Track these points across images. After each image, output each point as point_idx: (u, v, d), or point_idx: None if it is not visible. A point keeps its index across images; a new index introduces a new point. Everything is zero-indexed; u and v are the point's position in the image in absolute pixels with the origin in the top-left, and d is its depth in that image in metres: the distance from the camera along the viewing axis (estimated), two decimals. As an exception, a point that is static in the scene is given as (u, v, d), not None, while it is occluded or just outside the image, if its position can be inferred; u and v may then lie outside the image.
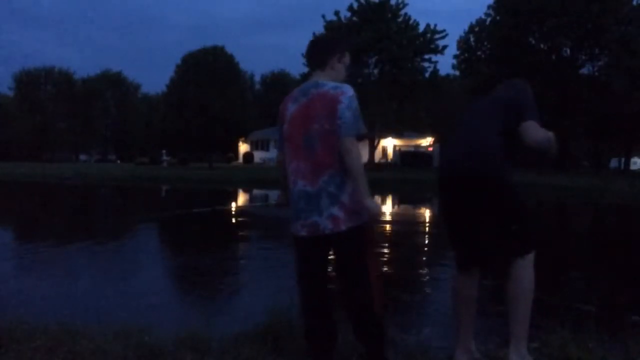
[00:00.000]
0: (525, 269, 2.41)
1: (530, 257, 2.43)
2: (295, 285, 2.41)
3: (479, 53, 39.08)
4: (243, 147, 54.24)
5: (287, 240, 2.50)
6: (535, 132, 2.39)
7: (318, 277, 2.35)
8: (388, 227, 10.33)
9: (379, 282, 2.36)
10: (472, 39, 39.99)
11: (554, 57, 36.05)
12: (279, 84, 69.29)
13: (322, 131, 2.23)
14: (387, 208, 15.92)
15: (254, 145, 54.38)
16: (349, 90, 2.29)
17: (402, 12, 37.47)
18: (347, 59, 2.50)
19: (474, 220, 2.50)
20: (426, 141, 46.00)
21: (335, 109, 2.22)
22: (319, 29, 38.04)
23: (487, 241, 2.50)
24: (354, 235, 2.25)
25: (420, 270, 6.33)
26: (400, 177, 25.35)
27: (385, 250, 7.39)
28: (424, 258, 7.32)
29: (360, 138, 2.29)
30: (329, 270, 2.39)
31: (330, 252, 2.34)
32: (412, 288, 5.35)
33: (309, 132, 2.26)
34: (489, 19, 38.57)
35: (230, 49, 49.86)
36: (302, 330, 2.45)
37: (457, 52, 40.57)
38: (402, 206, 17.09)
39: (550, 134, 2.40)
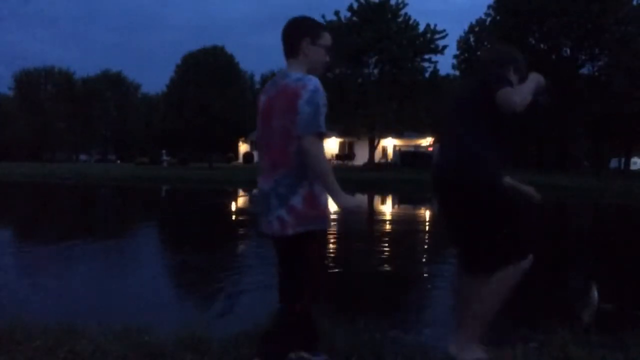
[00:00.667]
0: (510, 276, 2.33)
1: (521, 266, 2.34)
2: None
3: (479, 53, 39.09)
4: (243, 147, 54.24)
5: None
6: (509, 97, 2.24)
7: (283, 276, 2.29)
8: (388, 226, 10.33)
9: (315, 296, 2.21)
10: (472, 39, 40.02)
11: (554, 57, 36.06)
12: (279, 84, 69.14)
13: (281, 127, 2.09)
14: (387, 208, 15.93)
15: (254, 145, 54.34)
16: (312, 83, 2.07)
17: (402, 12, 37.49)
18: (324, 39, 2.21)
19: (462, 226, 2.48)
20: (426, 141, 46.00)
21: (294, 104, 2.04)
22: (319, 29, 37.95)
23: (475, 247, 2.45)
24: (302, 242, 2.11)
25: (420, 270, 6.33)
26: (400, 177, 25.34)
27: (385, 250, 7.40)
28: (424, 259, 7.32)
29: (322, 136, 2.09)
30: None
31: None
32: (412, 288, 5.35)
33: (270, 127, 2.14)
34: (489, 19, 38.61)
35: (230, 49, 49.93)
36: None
37: (457, 52, 40.64)
38: (402, 206, 17.09)
39: (531, 81, 2.31)
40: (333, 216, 2.04)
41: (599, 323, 2.85)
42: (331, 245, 8.02)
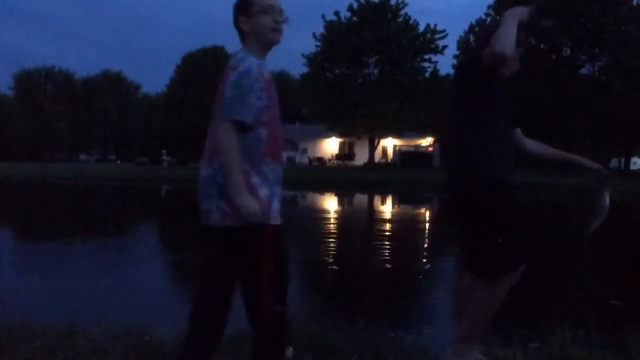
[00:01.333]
0: (506, 282, 2.26)
1: (514, 275, 2.26)
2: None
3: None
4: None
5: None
6: (491, 52, 2.05)
7: (217, 276, 2.10)
8: (388, 226, 10.33)
9: (269, 293, 2.01)
10: (472, 39, 39.98)
11: (554, 57, 36.04)
12: (279, 84, 68.83)
13: (217, 111, 1.96)
14: (387, 208, 15.92)
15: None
16: (244, 65, 1.91)
17: (402, 12, 37.52)
18: (257, 5, 1.99)
19: (460, 227, 2.43)
20: (426, 141, 46.00)
21: (224, 86, 1.92)
22: (319, 29, 38.13)
23: (475, 252, 2.39)
24: (246, 235, 1.95)
25: (421, 270, 6.32)
26: (400, 177, 25.33)
27: (386, 250, 7.39)
28: (424, 259, 7.31)
29: (241, 126, 1.89)
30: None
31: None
32: (411, 288, 5.35)
33: (214, 111, 2.00)
34: (489, 19, 38.57)
35: (230, 49, 49.85)
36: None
37: (457, 52, 40.58)
38: (402, 206, 17.08)
39: (505, 20, 2.11)
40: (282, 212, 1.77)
41: (599, 323, 2.85)
42: (331, 245, 8.01)
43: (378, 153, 42.34)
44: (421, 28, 37.46)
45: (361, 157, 43.07)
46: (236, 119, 1.87)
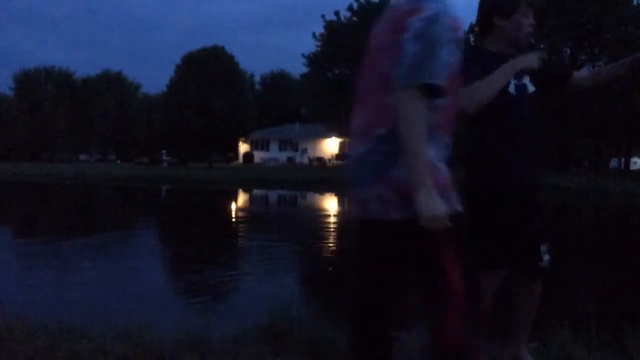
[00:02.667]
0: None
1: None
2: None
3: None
4: (243, 147, 54.27)
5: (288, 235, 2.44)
6: (465, 93, 1.91)
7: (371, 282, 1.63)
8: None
9: (458, 315, 1.45)
10: (472, 39, 39.98)
11: (554, 57, 36.03)
12: (279, 84, 69.35)
13: (380, 73, 1.53)
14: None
15: (254, 145, 54.39)
16: (431, 8, 1.42)
17: (402, 12, 37.44)
18: None
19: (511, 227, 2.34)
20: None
21: (398, 39, 1.43)
22: (319, 29, 38.12)
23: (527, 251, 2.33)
24: (419, 231, 1.41)
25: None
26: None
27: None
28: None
29: (430, 91, 1.40)
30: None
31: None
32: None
33: (371, 73, 1.59)
34: (489, 19, 38.57)
35: (230, 49, 50.06)
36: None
37: (457, 52, 40.55)
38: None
39: (498, 74, 1.97)
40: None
41: (599, 323, 2.85)
42: (331, 245, 8.00)
43: (378, 153, 42.29)
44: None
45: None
46: (424, 83, 1.39)
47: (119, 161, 67.20)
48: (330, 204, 17.08)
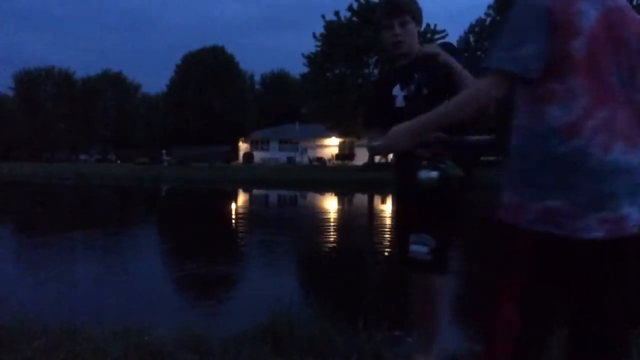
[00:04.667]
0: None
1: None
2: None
3: (479, 53, 39.10)
4: (243, 147, 54.30)
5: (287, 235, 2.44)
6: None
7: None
8: (388, 225, 10.32)
9: None
10: (472, 39, 40.02)
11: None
12: (279, 84, 69.32)
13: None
14: (387, 207, 15.91)
15: (254, 145, 54.40)
16: None
17: (402, 12, 37.43)
18: None
19: None
20: (426, 141, 45.88)
21: None
22: (319, 29, 38.14)
23: None
24: None
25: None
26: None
27: (386, 250, 7.39)
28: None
29: None
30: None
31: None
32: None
33: (625, 59, 1.29)
34: (489, 19, 38.61)
35: (230, 49, 50.19)
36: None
37: (457, 52, 40.55)
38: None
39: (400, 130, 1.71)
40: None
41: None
42: (330, 245, 8.00)
43: (378, 153, 42.29)
44: (421, 28, 37.44)
45: (361, 157, 43.05)
46: None
47: (119, 161, 67.18)
48: (331, 204, 17.09)
